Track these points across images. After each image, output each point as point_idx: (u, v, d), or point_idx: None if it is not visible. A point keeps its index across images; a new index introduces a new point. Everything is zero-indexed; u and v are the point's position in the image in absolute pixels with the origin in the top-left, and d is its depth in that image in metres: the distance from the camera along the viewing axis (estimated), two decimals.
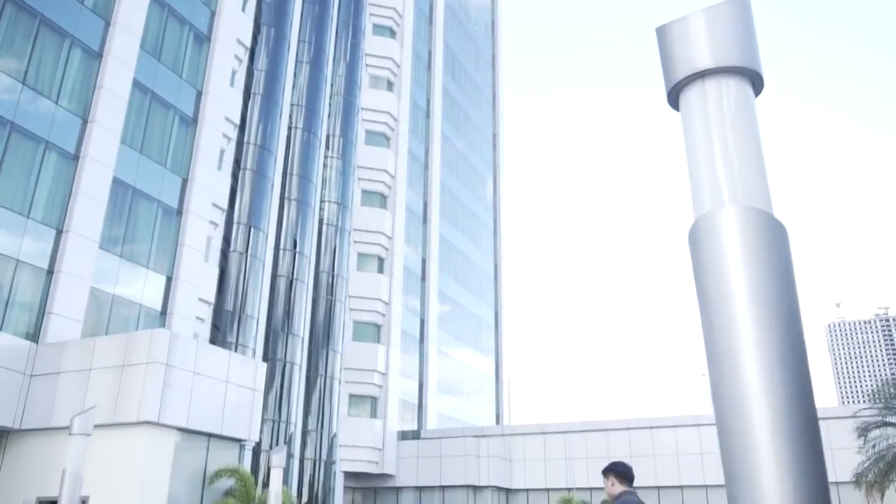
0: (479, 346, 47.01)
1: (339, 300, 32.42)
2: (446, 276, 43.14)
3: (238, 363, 19.72)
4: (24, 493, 17.27)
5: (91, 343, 18.15)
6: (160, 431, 17.07)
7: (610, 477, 5.95)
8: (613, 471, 5.95)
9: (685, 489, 32.75)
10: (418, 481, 34.60)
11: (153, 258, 22.70)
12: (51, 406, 17.73)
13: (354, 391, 34.77)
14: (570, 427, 35.04)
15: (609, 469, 6.00)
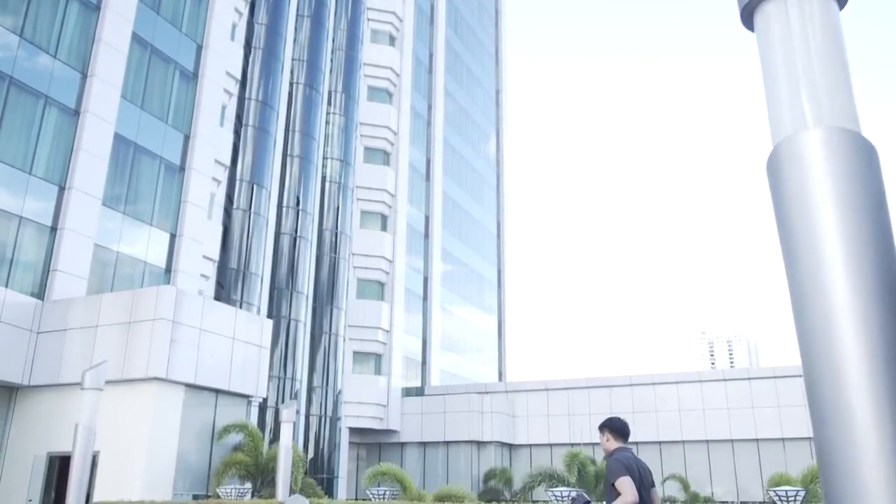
0: (481, 304, 47.11)
1: (342, 258, 32.36)
2: (449, 234, 43.03)
3: (244, 320, 19.71)
4: (34, 447, 17.41)
5: (97, 300, 18.11)
6: (168, 387, 17.13)
7: (605, 432, 6.03)
8: (609, 426, 6.02)
9: (686, 444, 33.10)
10: (422, 437, 34.95)
11: (156, 215, 22.55)
12: (58, 362, 17.77)
13: (359, 348, 34.92)
14: (574, 384, 35.28)
15: (605, 424, 6.06)
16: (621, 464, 5.61)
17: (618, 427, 6.01)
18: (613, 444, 5.97)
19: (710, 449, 32.85)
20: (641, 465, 5.82)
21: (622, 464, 5.61)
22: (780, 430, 31.45)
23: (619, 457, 5.77)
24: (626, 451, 5.87)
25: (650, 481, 5.80)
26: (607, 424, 6.05)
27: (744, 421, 31.99)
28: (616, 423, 6.03)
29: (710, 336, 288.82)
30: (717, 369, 36.67)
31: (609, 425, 6.05)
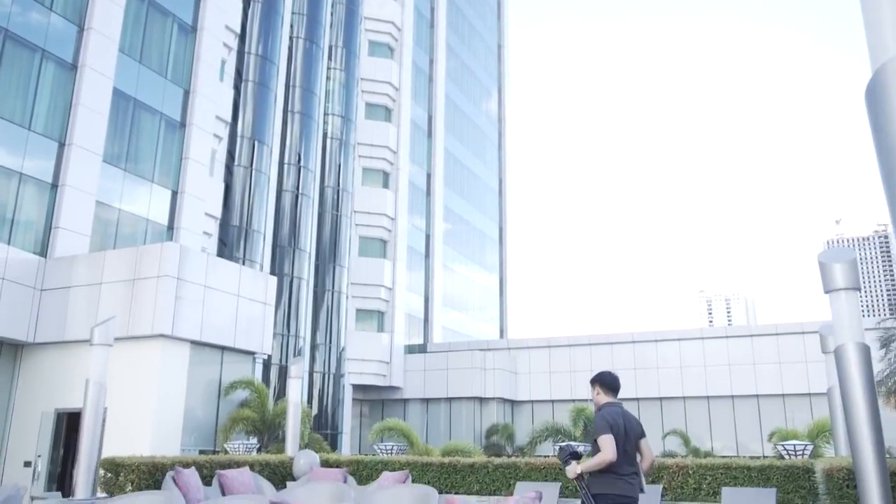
0: (483, 261, 47.08)
1: (344, 215, 32.18)
2: (451, 192, 42.78)
3: (249, 277, 19.62)
4: (42, 404, 17.46)
5: (101, 257, 17.98)
6: (174, 344, 17.11)
7: (596, 386, 6.17)
8: (600, 381, 6.16)
9: (687, 400, 33.38)
10: (425, 393, 35.21)
11: (158, 172, 22.30)
12: (63, 320, 17.71)
13: (361, 306, 34.96)
14: (576, 341, 35.42)
15: (596, 379, 6.20)
16: (605, 421, 5.78)
17: (608, 382, 6.11)
18: (603, 398, 6.08)
19: (710, 405, 33.14)
20: (629, 419, 5.96)
21: (606, 421, 5.78)
22: (780, 386, 31.68)
23: (605, 413, 5.92)
24: (615, 407, 6.00)
25: (638, 433, 5.98)
26: (598, 379, 6.17)
27: (744, 377, 32.21)
28: (606, 378, 6.13)
29: (708, 294, 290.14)
30: (720, 326, 36.73)
31: (600, 380, 6.16)
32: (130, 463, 9.88)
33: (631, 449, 5.89)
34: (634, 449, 5.95)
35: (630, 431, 5.89)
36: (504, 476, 11.49)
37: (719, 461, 10.61)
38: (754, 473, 10.17)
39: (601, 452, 5.63)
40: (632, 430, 5.92)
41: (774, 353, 32.06)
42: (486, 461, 11.83)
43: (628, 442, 5.85)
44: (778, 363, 31.90)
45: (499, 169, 50.84)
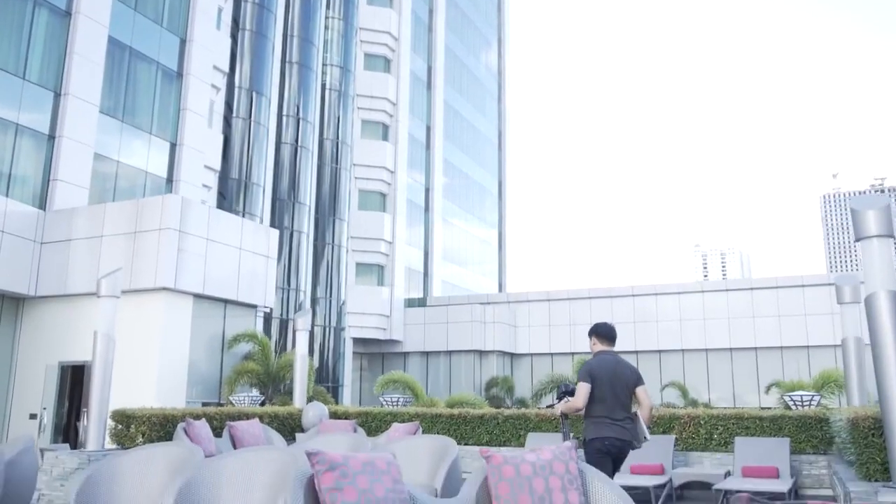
0: (482, 215, 46.87)
1: (344, 168, 31.84)
2: (451, 145, 42.33)
3: (251, 230, 19.43)
4: (45, 357, 17.41)
5: (101, 209, 17.74)
6: (177, 297, 17.00)
7: (592, 337, 6.33)
8: (595, 332, 6.32)
9: (686, 353, 33.58)
10: (425, 347, 35.35)
11: (156, 123, 21.90)
12: (64, 273, 17.56)
13: (361, 260, 34.85)
14: (575, 294, 35.45)
15: (592, 330, 6.35)
16: (587, 369, 5.99)
17: (603, 332, 6.26)
18: (599, 347, 6.23)
19: (709, 357, 33.35)
20: (621, 366, 6.07)
21: (588, 369, 5.98)
22: (779, 338, 31.86)
23: (592, 361, 6.11)
24: (606, 355, 6.12)
25: (632, 381, 6.04)
26: (594, 330, 6.33)
27: (743, 330, 32.36)
28: (602, 329, 6.29)
29: (703, 249, 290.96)
30: (719, 280, 36.77)
31: (595, 331, 6.32)
32: (141, 415, 9.83)
33: (623, 395, 5.96)
34: (628, 396, 6.01)
35: (620, 378, 5.97)
36: (514, 427, 11.50)
37: (731, 411, 10.62)
38: (766, 423, 10.18)
39: (574, 399, 5.90)
40: (623, 378, 5.99)
41: (774, 306, 32.16)
42: (495, 413, 11.83)
43: (620, 388, 5.94)
44: (777, 316, 32.01)
45: (498, 122, 50.28)
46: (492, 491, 4.30)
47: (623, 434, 5.86)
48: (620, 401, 5.94)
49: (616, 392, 5.92)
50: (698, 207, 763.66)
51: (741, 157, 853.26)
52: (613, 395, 5.91)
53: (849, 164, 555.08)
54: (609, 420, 5.87)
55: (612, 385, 5.92)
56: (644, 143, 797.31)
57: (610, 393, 5.91)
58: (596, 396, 5.93)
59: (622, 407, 5.94)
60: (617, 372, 6.00)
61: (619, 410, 5.90)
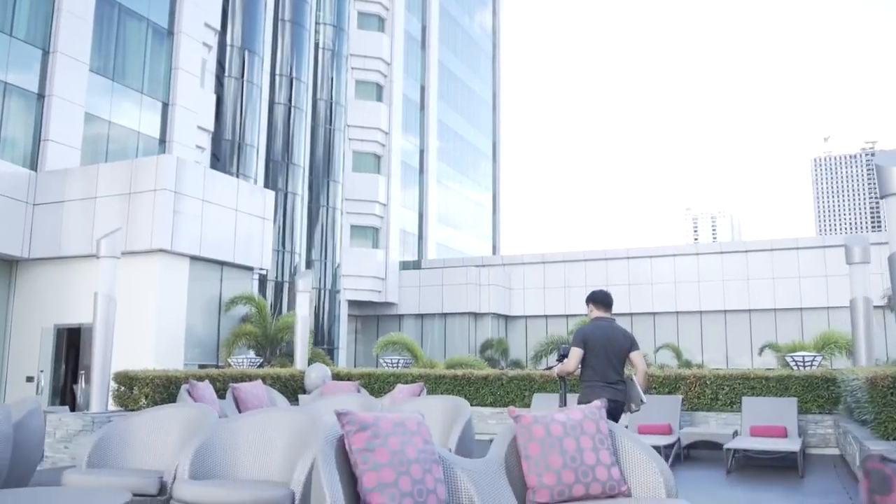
0: (476, 177, 46.58)
1: (338, 129, 31.43)
2: (445, 105, 41.84)
3: (246, 191, 19.17)
4: (41, 320, 17.23)
5: (94, 170, 17.42)
6: (174, 259, 16.80)
7: (590, 304, 6.50)
8: (592, 299, 6.51)
9: (680, 315, 33.71)
10: (420, 309, 35.34)
11: (147, 83, 21.44)
12: (58, 235, 17.29)
13: (356, 222, 34.62)
14: (570, 256, 35.41)
15: (589, 298, 6.53)
16: (580, 335, 6.21)
17: (599, 298, 6.45)
18: (596, 313, 6.42)
19: (703, 320, 33.51)
20: (615, 332, 6.26)
21: (581, 335, 6.20)
22: (772, 300, 32.00)
23: (585, 327, 6.33)
24: (601, 321, 6.33)
25: (625, 346, 6.22)
26: (591, 297, 6.51)
27: (737, 292, 32.47)
28: (598, 296, 6.47)
29: (694, 212, 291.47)
30: (714, 242, 36.85)
31: (592, 298, 6.50)
32: (144, 377, 9.71)
33: (615, 360, 6.15)
34: (621, 361, 6.20)
35: (613, 344, 6.16)
36: (518, 388, 11.46)
37: (737, 372, 10.60)
38: (772, 384, 10.17)
39: (565, 362, 6.17)
40: (616, 343, 6.18)
41: (768, 268, 32.23)
42: (499, 374, 11.78)
43: (613, 353, 6.14)
44: (771, 279, 32.11)
45: (493, 83, 49.69)
46: (521, 451, 4.20)
47: (616, 395, 6.06)
48: (613, 365, 6.13)
49: (609, 357, 6.12)
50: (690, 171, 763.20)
51: (733, 120, 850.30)
52: (606, 360, 6.12)
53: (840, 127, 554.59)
54: (602, 383, 6.08)
55: (605, 350, 6.13)
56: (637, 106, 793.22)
57: (603, 358, 6.12)
58: (589, 361, 6.16)
59: (615, 371, 6.14)
60: (610, 337, 6.19)
61: (612, 374, 6.12)
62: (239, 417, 5.09)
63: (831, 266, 31.14)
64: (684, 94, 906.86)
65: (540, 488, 4.06)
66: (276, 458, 4.87)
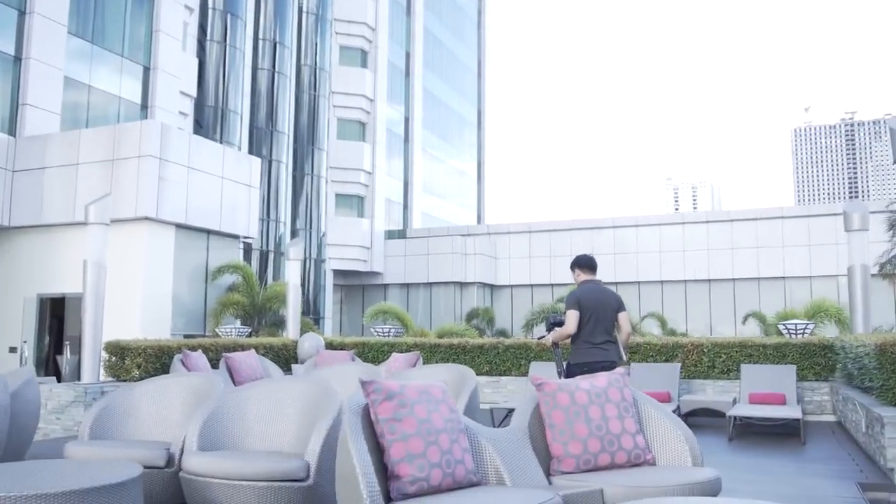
0: (461, 146, 46.22)
1: (322, 96, 30.91)
2: (430, 73, 41.30)
3: (232, 158, 18.81)
4: (23, 290, 16.89)
5: (75, 136, 16.96)
6: (159, 227, 16.48)
7: (575, 269, 6.63)
8: (577, 263, 6.64)
9: (665, 284, 33.86)
10: (405, 278, 35.20)
11: (128, 46, 20.86)
12: (39, 202, 16.88)
13: (341, 190, 34.27)
14: (556, 226, 35.36)
15: (574, 263, 6.66)
16: (574, 298, 6.34)
17: (584, 262, 6.60)
18: (583, 277, 6.55)
19: (687, 288, 33.68)
20: (605, 293, 6.42)
21: (576, 297, 6.32)
22: (756, 269, 32.21)
23: (577, 290, 6.44)
24: (590, 284, 6.45)
25: (615, 306, 6.39)
26: (576, 262, 6.65)
27: (722, 261, 32.63)
28: (583, 260, 6.62)
29: (675, 182, 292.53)
30: (700, 211, 36.87)
31: (577, 262, 6.63)
32: (136, 346, 9.49)
33: (606, 320, 6.30)
34: (611, 321, 6.34)
35: (605, 305, 6.31)
36: (514, 357, 11.39)
37: (735, 339, 10.59)
38: (770, 351, 10.17)
39: (564, 325, 6.27)
40: (607, 304, 6.33)
41: (753, 237, 32.39)
42: (496, 342, 11.69)
43: (603, 314, 6.27)
44: (756, 248, 32.28)
45: (478, 50, 49.11)
46: (545, 419, 4.08)
47: (604, 356, 6.21)
48: (603, 325, 6.28)
49: (600, 318, 6.26)
50: (671, 140, 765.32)
51: (714, 91, 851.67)
52: (597, 321, 6.25)
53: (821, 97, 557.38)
54: (589, 344, 6.24)
55: (596, 311, 6.26)
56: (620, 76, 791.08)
57: (594, 319, 6.25)
58: (580, 323, 6.29)
59: (604, 331, 6.29)
60: (601, 299, 6.34)
61: (601, 335, 6.26)
62: (248, 387, 4.92)
63: (815, 235, 31.38)
64: (667, 63, 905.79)
65: (565, 457, 3.95)
66: (287, 429, 4.72)
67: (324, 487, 4.32)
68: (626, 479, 3.69)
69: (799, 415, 8.06)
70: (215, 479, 4.12)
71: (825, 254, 31.08)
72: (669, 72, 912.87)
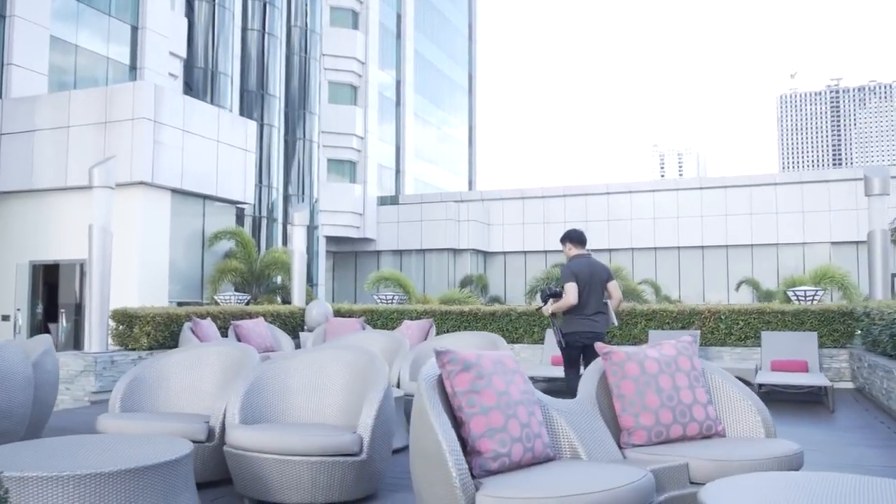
0: (453, 111, 45.66)
1: (313, 58, 30.23)
2: (422, 36, 40.56)
3: (227, 121, 18.33)
4: (15, 257, 16.46)
5: (65, 97, 16.41)
6: (155, 192, 16.06)
7: (567, 243, 6.88)
8: (569, 238, 6.88)
9: (658, 251, 33.81)
10: (398, 245, 34.92)
11: (115, 4, 20.18)
12: (29, 166, 16.37)
13: (333, 156, 33.77)
14: (550, 192, 35.10)
15: (565, 237, 6.91)
16: (570, 271, 6.60)
17: (575, 237, 6.87)
18: (574, 251, 6.82)
19: (680, 255, 33.65)
20: (596, 266, 6.74)
21: (571, 271, 6.60)
22: (750, 236, 32.21)
23: (571, 264, 6.70)
24: (582, 258, 6.73)
25: (605, 277, 6.72)
26: (567, 237, 6.91)
27: (715, 228, 32.59)
28: (574, 234, 6.89)
29: (661, 149, 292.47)
30: (695, 177, 36.71)
31: (569, 237, 6.90)
32: (144, 314, 9.19)
33: (597, 292, 6.62)
34: (601, 292, 6.67)
35: (596, 277, 6.63)
36: (527, 324, 11.21)
37: (753, 306, 10.45)
38: (788, 318, 10.04)
39: (564, 297, 6.52)
40: (598, 276, 6.65)
41: (747, 203, 32.33)
42: (508, 309, 11.51)
43: (594, 287, 6.60)
44: (749, 214, 32.24)
45: (469, 13, 48.28)
46: (613, 390, 3.87)
47: (594, 327, 6.55)
48: (594, 298, 6.59)
49: (591, 291, 6.56)
50: (658, 107, 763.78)
51: (701, 56, 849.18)
52: (589, 294, 6.55)
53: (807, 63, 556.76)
54: (581, 316, 6.54)
55: (589, 284, 6.55)
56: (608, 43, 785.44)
57: (586, 292, 6.54)
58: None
59: (595, 303, 6.60)
60: (593, 272, 6.65)
61: (592, 307, 6.57)
62: (288, 356, 4.68)
63: (808, 202, 31.37)
64: (654, 30, 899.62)
65: (637, 429, 3.76)
66: (332, 401, 4.49)
67: (375, 462, 4.11)
68: (708, 453, 3.50)
69: (827, 382, 7.94)
70: (264, 453, 3.89)
71: (819, 220, 31.12)
72: (656, 38, 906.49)
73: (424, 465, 2.95)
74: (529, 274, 34.07)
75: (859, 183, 31.26)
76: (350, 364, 4.53)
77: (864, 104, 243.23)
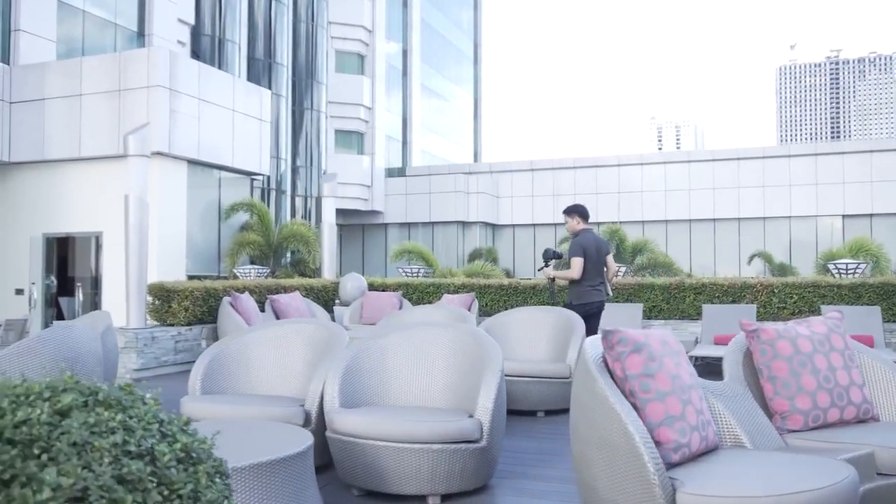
0: (459, 82, 44.96)
1: (320, 26, 29.56)
2: (428, 3, 39.75)
3: (242, 90, 17.78)
4: (28, 229, 15.99)
5: (76, 64, 15.84)
6: (171, 163, 15.57)
7: (574, 216, 7.24)
8: (577, 211, 7.24)
9: (670, 224, 33.48)
10: (406, 218, 34.51)
11: None
12: (40, 136, 15.85)
13: (340, 126, 33.19)
14: (559, 164, 34.64)
15: (574, 210, 7.27)
16: (580, 245, 6.97)
17: (583, 211, 7.26)
18: (582, 225, 7.17)
19: (692, 228, 33.34)
20: (599, 241, 7.20)
21: (580, 245, 6.97)
22: (762, 209, 31.88)
23: (581, 238, 7.04)
24: (588, 232, 7.12)
25: (605, 252, 7.18)
26: (576, 209, 7.28)
27: (728, 200, 32.24)
28: (582, 208, 7.29)
29: (659, 121, 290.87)
30: (706, 150, 36.30)
31: (577, 210, 7.26)
32: (182, 289, 8.81)
33: (601, 264, 7.10)
34: (603, 263, 7.14)
35: (601, 252, 7.08)
36: (565, 296, 10.87)
37: (807, 279, 10.12)
38: (844, 291, 9.72)
39: (570, 270, 6.95)
40: (602, 250, 7.13)
41: (759, 176, 31.97)
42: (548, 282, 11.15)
43: (599, 258, 7.04)
44: (762, 187, 31.89)
45: None
46: (763, 371, 3.52)
47: (597, 296, 7.05)
48: (598, 269, 7.06)
49: (596, 262, 7.01)
50: (656, 79, 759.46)
51: (700, 28, 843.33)
52: (594, 265, 6.99)
53: (806, 35, 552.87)
54: (589, 286, 6.99)
55: (594, 257, 6.98)
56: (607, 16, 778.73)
57: (593, 263, 6.98)
58: (584, 269, 6.98)
59: (598, 273, 7.08)
60: (598, 246, 7.10)
61: (598, 277, 7.06)
62: (384, 334, 4.31)
63: (822, 174, 31.01)
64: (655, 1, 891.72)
65: (792, 414, 3.42)
66: (435, 383, 4.13)
67: (493, 450, 3.77)
68: (889, 440, 3.16)
69: (892, 358, 7.63)
70: (379, 441, 3.54)
71: (832, 193, 30.81)
72: (656, 9, 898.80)
73: (607, 459, 2.60)
74: (539, 247, 33.76)
75: (873, 155, 30.94)
76: (454, 343, 4.16)
77: (863, 76, 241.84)
